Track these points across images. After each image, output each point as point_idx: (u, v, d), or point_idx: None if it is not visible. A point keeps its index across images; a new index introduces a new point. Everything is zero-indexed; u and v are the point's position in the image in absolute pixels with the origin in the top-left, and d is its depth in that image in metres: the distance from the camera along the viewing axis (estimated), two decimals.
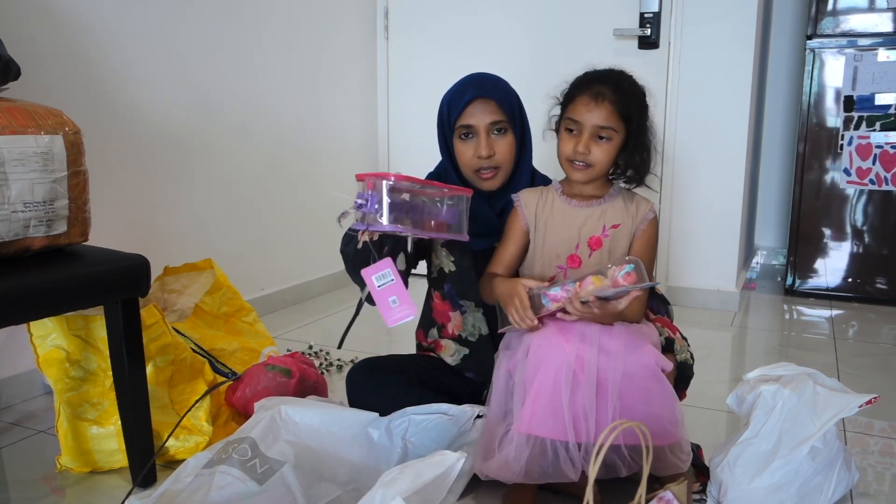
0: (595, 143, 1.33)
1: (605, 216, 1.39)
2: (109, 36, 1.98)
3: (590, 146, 1.33)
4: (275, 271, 2.74)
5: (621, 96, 1.33)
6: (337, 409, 1.40)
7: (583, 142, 1.33)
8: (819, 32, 2.89)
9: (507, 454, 1.22)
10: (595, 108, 1.32)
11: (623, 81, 1.36)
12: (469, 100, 1.42)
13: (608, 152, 1.34)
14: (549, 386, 1.20)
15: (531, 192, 1.45)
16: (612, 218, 1.39)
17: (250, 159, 2.55)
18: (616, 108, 1.32)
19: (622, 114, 1.33)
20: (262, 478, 1.21)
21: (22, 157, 1.18)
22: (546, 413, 1.20)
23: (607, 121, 1.32)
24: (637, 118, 1.35)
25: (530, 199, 1.43)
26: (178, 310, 1.82)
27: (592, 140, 1.33)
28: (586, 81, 1.37)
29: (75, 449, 1.47)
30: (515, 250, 1.43)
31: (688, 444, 1.29)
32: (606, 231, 1.38)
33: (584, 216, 1.39)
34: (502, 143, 1.44)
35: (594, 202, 1.40)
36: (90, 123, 1.67)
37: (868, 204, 2.91)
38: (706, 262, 2.83)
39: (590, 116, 1.32)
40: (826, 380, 1.34)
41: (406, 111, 3.25)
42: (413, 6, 3.16)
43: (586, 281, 1.23)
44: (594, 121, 1.32)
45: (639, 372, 1.22)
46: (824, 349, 2.36)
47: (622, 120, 1.33)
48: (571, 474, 1.20)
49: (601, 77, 1.36)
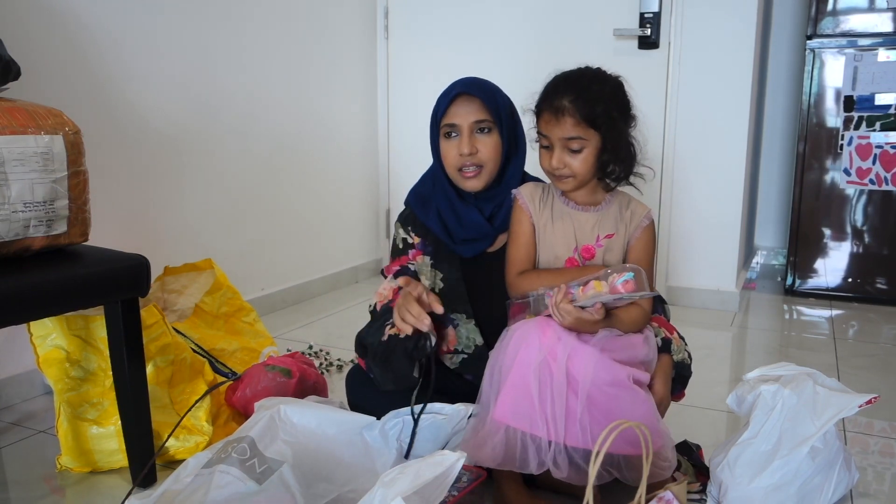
0: (568, 155, 1.31)
1: (599, 225, 1.38)
2: (110, 36, 1.98)
3: (563, 159, 1.31)
4: (275, 271, 2.74)
5: (584, 103, 1.29)
6: (335, 410, 1.39)
7: (555, 156, 1.32)
8: (819, 32, 2.89)
9: (482, 436, 1.22)
10: (557, 123, 1.30)
11: (586, 85, 1.31)
12: (454, 96, 1.41)
13: (585, 161, 1.31)
14: (523, 378, 1.20)
15: (531, 187, 1.43)
16: (606, 227, 1.38)
17: (250, 159, 2.55)
18: (580, 117, 1.28)
19: (588, 120, 1.29)
20: (261, 477, 1.21)
21: (22, 157, 1.18)
22: (518, 404, 1.20)
23: (573, 132, 1.29)
24: (606, 120, 1.30)
25: (532, 194, 1.41)
26: (178, 310, 1.82)
27: (565, 152, 1.31)
28: (548, 94, 1.34)
29: (75, 449, 1.47)
30: (532, 246, 1.40)
31: (671, 451, 1.26)
32: (600, 241, 1.37)
33: (581, 221, 1.38)
34: (486, 142, 1.42)
35: (591, 209, 1.39)
36: (90, 123, 1.67)
37: (868, 204, 2.91)
38: (706, 262, 2.83)
39: (555, 131, 1.30)
40: (826, 380, 1.34)
41: (406, 111, 3.25)
42: (413, 6, 3.16)
43: (588, 286, 1.23)
44: (560, 134, 1.30)
45: (606, 381, 1.21)
46: (824, 349, 2.36)
47: (590, 126, 1.29)
48: (533, 466, 1.19)
49: (561, 86, 1.32)
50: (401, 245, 1.54)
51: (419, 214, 1.51)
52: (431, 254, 1.51)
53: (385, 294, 1.51)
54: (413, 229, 1.53)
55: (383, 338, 1.38)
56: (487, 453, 1.21)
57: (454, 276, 1.48)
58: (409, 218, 1.54)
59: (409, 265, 1.53)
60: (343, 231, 3.16)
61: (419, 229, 1.52)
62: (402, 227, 1.54)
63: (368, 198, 3.32)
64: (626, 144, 1.33)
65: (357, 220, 3.25)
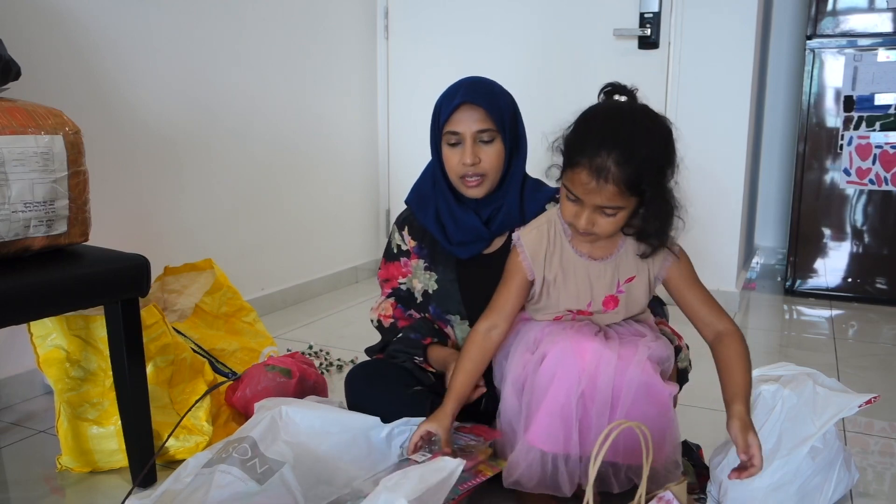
0: (600, 216, 1.15)
1: (618, 270, 1.25)
2: (110, 36, 1.98)
3: (594, 220, 1.15)
4: (275, 271, 2.74)
5: (632, 168, 1.08)
6: (338, 411, 1.39)
7: (585, 218, 1.15)
8: (819, 32, 2.89)
9: (515, 457, 1.22)
10: (596, 188, 1.10)
11: (635, 143, 1.09)
12: (457, 105, 1.39)
13: (617, 223, 1.16)
14: (560, 402, 1.17)
15: (535, 236, 1.27)
16: (626, 270, 1.26)
17: (251, 159, 2.55)
18: (623, 186, 1.09)
19: (631, 187, 1.10)
20: (262, 477, 1.21)
21: (22, 157, 1.18)
22: (556, 430, 1.18)
23: (611, 201, 1.11)
24: (653, 186, 1.12)
25: (536, 248, 1.26)
26: (178, 310, 1.82)
27: (597, 214, 1.14)
28: (587, 147, 1.10)
29: (75, 449, 1.47)
30: (517, 300, 1.29)
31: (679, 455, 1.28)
32: (621, 287, 1.26)
33: (598, 271, 1.25)
34: (489, 152, 1.40)
35: (609, 257, 1.26)
36: (90, 123, 1.67)
37: (868, 204, 2.91)
38: (706, 262, 2.82)
39: (592, 197, 1.11)
40: (826, 380, 1.34)
41: (406, 111, 3.25)
42: (413, 6, 3.16)
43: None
44: (595, 201, 1.12)
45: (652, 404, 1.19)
46: (824, 349, 2.36)
47: (632, 193, 1.11)
48: (566, 489, 1.21)
49: (607, 142, 1.09)
50: (395, 250, 1.56)
51: (417, 216, 1.51)
52: (427, 256, 1.51)
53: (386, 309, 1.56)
54: (409, 231, 1.53)
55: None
56: (523, 474, 1.20)
57: (448, 278, 1.49)
58: (406, 220, 1.55)
59: (400, 286, 1.56)
60: (343, 231, 3.16)
61: (416, 231, 1.53)
62: (399, 230, 1.55)
63: (368, 198, 3.32)
64: (664, 214, 1.17)
65: (357, 220, 3.25)
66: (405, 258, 1.54)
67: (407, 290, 1.55)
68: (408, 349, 1.49)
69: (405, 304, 1.56)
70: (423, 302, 1.52)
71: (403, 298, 1.56)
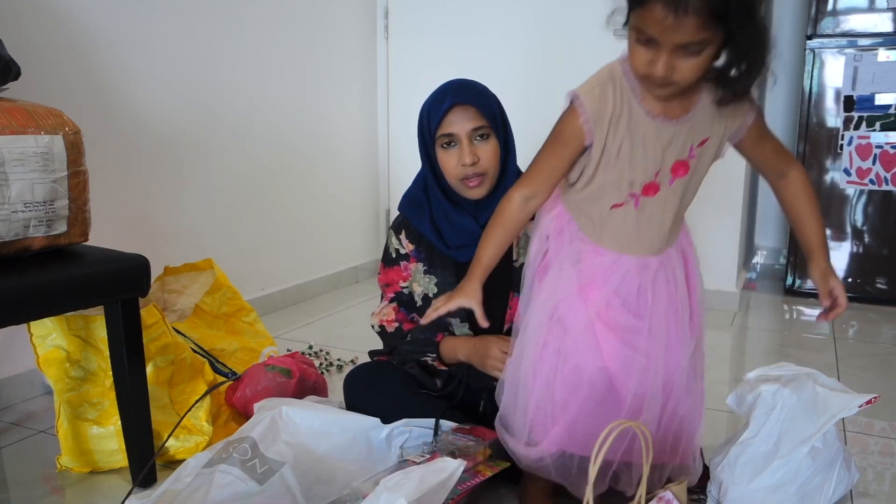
0: (680, 58, 0.97)
1: (693, 131, 1.09)
2: (110, 36, 1.98)
3: (673, 64, 0.98)
4: (275, 271, 2.74)
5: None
6: (338, 412, 1.40)
7: (662, 61, 0.98)
8: (819, 32, 2.89)
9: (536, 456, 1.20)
10: (675, 24, 0.92)
11: None
12: (448, 107, 1.38)
13: (701, 65, 0.98)
14: (588, 406, 1.16)
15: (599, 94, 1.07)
16: (700, 131, 1.09)
17: (251, 159, 2.55)
18: (707, 15, 0.92)
19: (719, 17, 0.92)
20: (262, 478, 1.21)
21: (22, 157, 1.18)
22: (585, 433, 1.15)
23: (694, 35, 0.94)
24: (742, 13, 0.93)
25: (600, 110, 1.07)
26: (178, 310, 1.82)
27: (676, 55, 0.97)
28: None
29: (75, 449, 1.47)
30: (565, 169, 1.13)
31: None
32: (693, 151, 1.11)
33: (671, 134, 1.08)
34: (486, 149, 1.40)
35: (684, 117, 1.08)
36: (90, 123, 1.66)
37: (868, 204, 2.91)
38: (706, 262, 2.80)
39: (670, 35, 0.94)
40: (826, 380, 1.34)
41: (406, 111, 3.25)
42: (413, 6, 3.16)
43: None
44: (675, 40, 0.95)
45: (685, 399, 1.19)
46: (824, 349, 2.36)
47: (718, 23, 0.93)
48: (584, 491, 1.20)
49: None
50: (393, 255, 1.55)
51: (413, 220, 1.50)
52: (425, 259, 1.51)
53: (388, 314, 1.55)
54: (406, 235, 1.53)
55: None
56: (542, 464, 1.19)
57: (448, 281, 1.48)
58: (402, 224, 1.54)
59: (402, 290, 1.55)
60: (343, 231, 3.16)
61: (413, 236, 1.52)
62: (395, 234, 1.54)
63: (368, 198, 3.32)
64: (753, 49, 0.98)
65: (357, 220, 3.25)
66: (405, 262, 1.54)
67: (409, 294, 1.55)
68: (422, 348, 1.49)
69: (408, 308, 1.56)
70: (423, 306, 1.52)
71: (406, 303, 1.56)
